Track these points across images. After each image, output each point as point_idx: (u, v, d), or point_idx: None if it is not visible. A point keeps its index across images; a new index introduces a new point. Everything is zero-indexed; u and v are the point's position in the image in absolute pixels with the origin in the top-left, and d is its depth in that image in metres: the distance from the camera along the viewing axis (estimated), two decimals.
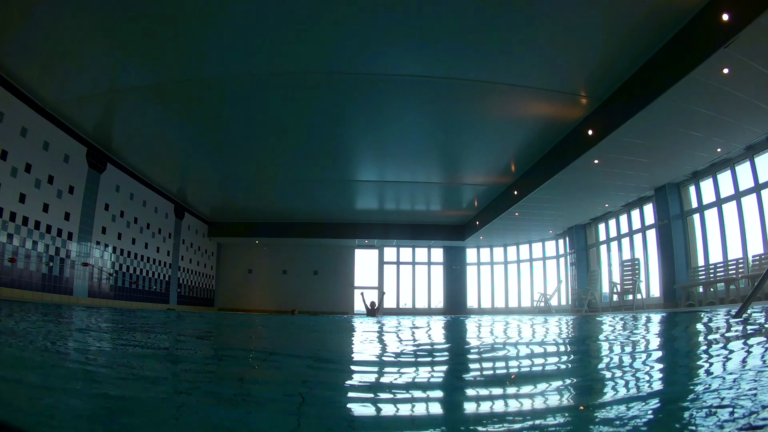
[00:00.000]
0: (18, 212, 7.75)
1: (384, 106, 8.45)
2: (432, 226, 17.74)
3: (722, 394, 0.95)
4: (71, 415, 1.17)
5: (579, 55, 6.78)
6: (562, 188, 10.84)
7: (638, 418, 0.83)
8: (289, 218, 17.12)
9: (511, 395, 1.53)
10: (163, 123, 9.36)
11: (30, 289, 7.95)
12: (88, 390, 1.52)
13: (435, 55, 6.82)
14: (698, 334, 3.58)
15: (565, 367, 2.35)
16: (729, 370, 1.28)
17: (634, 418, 0.84)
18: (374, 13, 5.92)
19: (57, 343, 2.61)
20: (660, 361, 2.11)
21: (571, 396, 1.41)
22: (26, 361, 1.95)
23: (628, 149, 8.46)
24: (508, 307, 18.22)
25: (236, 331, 5.37)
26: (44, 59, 6.93)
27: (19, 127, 7.71)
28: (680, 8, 5.72)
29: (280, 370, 2.21)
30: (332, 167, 11.95)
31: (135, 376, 1.83)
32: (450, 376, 1.80)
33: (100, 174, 10.35)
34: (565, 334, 4.57)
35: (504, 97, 8.00)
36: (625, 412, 0.89)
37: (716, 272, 9.12)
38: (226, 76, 7.51)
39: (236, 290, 18.33)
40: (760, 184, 8.42)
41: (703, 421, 0.81)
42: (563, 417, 1.07)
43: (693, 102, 6.73)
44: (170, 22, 6.10)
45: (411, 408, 1.41)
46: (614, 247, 13.53)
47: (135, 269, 12.08)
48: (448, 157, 11.43)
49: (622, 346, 3.20)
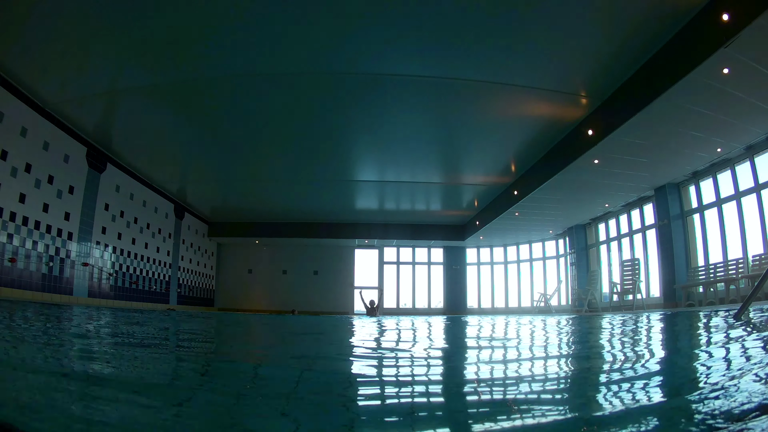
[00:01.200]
0: (18, 212, 7.75)
1: (384, 106, 8.45)
2: (432, 226, 17.74)
3: (713, 395, 0.96)
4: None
5: (579, 55, 6.78)
6: (562, 188, 10.84)
7: (627, 420, 0.83)
8: (289, 218, 17.12)
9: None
10: (163, 123, 9.37)
11: (30, 289, 7.95)
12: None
13: (435, 55, 6.82)
14: (697, 335, 3.58)
15: (559, 372, 2.35)
16: (725, 371, 1.29)
17: (623, 420, 0.84)
18: (374, 13, 5.92)
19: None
20: (654, 364, 2.11)
21: (565, 407, 1.41)
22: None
23: (628, 149, 8.46)
24: (508, 307, 18.22)
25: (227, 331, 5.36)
26: (44, 59, 6.93)
27: (19, 127, 7.71)
28: (680, 8, 5.72)
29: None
30: (332, 167, 11.95)
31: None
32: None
33: (100, 174, 10.35)
34: (559, 335, 4.57)
35: (504, 97, 8.00)
36: (614, 415, 0.89)
37: (716, 272, 9.12)
38: (226, 76, 7.51)
39: (236, 290, 18.33)
40: (760, 184, 8.42)
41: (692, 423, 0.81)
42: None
43: (693, 102, 6.73)
44: (170, 22, 6.10)
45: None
46: (614, 247, 13.53)
47: (135, 269, 12.08)
48: (448, 157, 11.43)
49: (616, 348, 3.21)
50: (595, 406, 1.08)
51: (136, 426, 1.07)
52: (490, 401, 1.43)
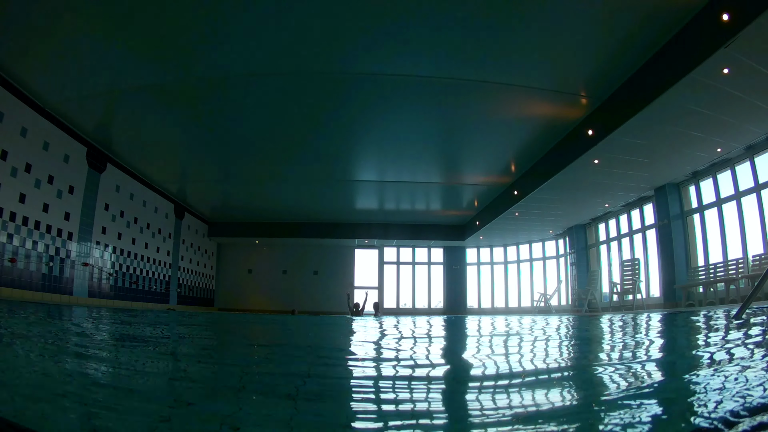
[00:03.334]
0: (18, 212, 7.75)
1: (384, 106, 8.45)
2: (432, 226, 17.75)
3: (711, 395, 0.96)
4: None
5: (579, 55, 6.78)
6: (562, 188, 10.84)
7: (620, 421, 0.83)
8: (289, 218, 17.13)
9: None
10: (163, 123, 9.37)
11: (30, 289, 7.95)
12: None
13: (435, 55, 6.82)
14: (695, 336, 3.58)
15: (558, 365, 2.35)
16: (721, 372, 1.29)
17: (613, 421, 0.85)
18: (375, 14, 5.92)
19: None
20: (651, 363, 2.11)
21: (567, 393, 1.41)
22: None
23: (628, 149, 8.46)
24: (508, 307, 18.22)
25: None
26: (44, 59, 6.93)
27: (19, 127, 7.71)
28: (680, 8, 5.72)
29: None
30: (332, 167, 11.95)
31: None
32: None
33: (100, 174, 10.35)
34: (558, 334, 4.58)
35: (504, 97, 8.00)
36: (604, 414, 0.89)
37: (716, 272, 9.12)
38: (226, 76, 7.52)
39: (236, 290, 18.33)
40: (760, 184, 8.42)
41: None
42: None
43: (693, 102, 6.73)
44: (170, 22, 6.10)
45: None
46: (614, 247, 13.53)
47: (135, 269, 12.08)
48: (448, 157, 11.44)
49: (612, 347, 3.21)
50: (590, 407, 1.08)
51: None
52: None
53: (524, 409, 1.21)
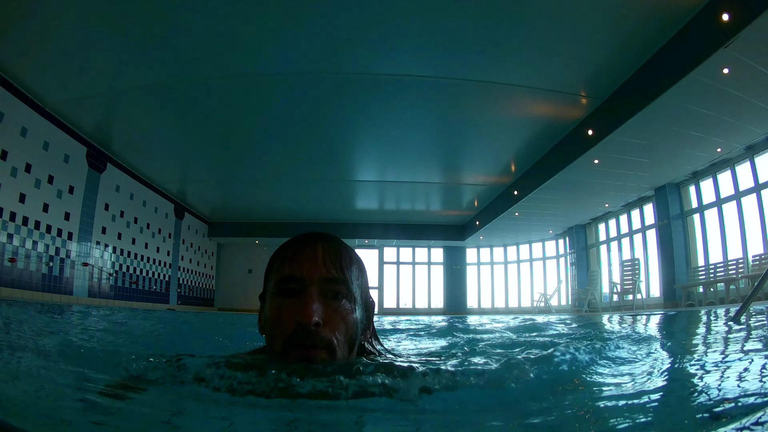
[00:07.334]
0: (18, 212, 7.75)
1: (384, 106, 8.45)
2: (432, 226, 17.75)
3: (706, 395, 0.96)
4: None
5: (579, 55, 6.78)
6: (562, 188, 10.84)
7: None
8: (289, 218, 17.12)
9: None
10: (163, 123, 9.37)
11: (30, 289, 7.95)
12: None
13: (435, 55, 6.83)
14: (694, 336, 3.58)
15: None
16: (723, 371, 1.29)
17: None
18: (375, 13, 5.92)
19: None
20: (652, 363, 2.11)
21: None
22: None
23: (628, 149, 8.46)
24: (508, 307, 18.22)
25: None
26: (44, 59, 6.93)
27: (19, 127, 7.71)
28: (680, 8, 5.72)
29: None
30: (332, 167, 11.95)
31: None
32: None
33: (100, 174, 10.35)
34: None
35: (504, 97, 8.00)
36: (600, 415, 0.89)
37: (716, 272, 9.12)
38: (226, 76, 7.52)
39: (236, 290, 18.32)
40: (760, 184, 8.42)
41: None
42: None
43: (693, 102, 6.73)
44: (170, 22, 6.10)
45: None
46: (614, 247, 13.53)
47: (135, 269, 12.08)
48: (448, 157, 11.44)
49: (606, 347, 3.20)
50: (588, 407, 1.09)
51: None
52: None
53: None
